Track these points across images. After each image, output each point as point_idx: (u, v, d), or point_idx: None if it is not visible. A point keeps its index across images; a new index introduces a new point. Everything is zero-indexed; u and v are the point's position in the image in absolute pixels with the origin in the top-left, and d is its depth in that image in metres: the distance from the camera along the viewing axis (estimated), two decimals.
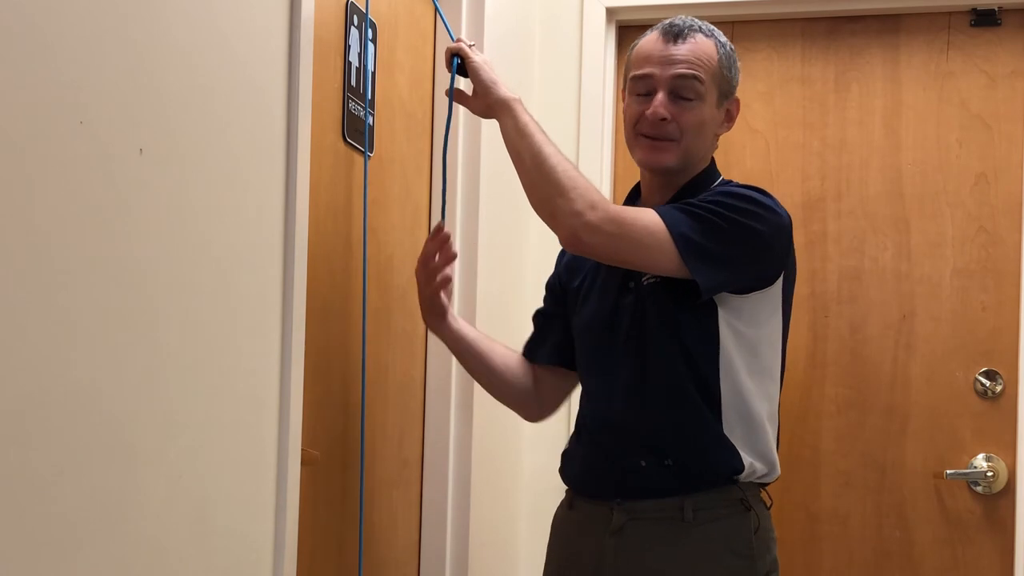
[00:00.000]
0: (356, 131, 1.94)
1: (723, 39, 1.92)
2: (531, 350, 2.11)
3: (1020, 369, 2.67)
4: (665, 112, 1.85)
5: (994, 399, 2.71)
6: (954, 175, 2.77)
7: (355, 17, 1.93)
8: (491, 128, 2.14)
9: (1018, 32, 2.76)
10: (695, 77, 1.86)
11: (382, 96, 2.07)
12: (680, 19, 1.91)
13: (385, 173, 2.09)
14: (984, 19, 2.76)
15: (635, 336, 1.86)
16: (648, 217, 1.77)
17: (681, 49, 1.87)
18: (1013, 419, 2.68)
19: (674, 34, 1.88)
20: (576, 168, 1.82)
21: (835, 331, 2.80)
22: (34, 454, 1.07)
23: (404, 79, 2.19)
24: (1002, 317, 2.72)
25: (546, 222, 1.80)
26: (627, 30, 2.94)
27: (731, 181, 1.95)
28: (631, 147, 1.93)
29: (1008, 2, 2.74)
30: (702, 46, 1.88)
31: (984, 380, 2.72)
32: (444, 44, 2.32)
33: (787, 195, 2.77)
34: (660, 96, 1.86)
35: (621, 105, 2.01)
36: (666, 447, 1.82)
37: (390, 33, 2.11)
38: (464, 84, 1.97)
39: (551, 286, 2.12)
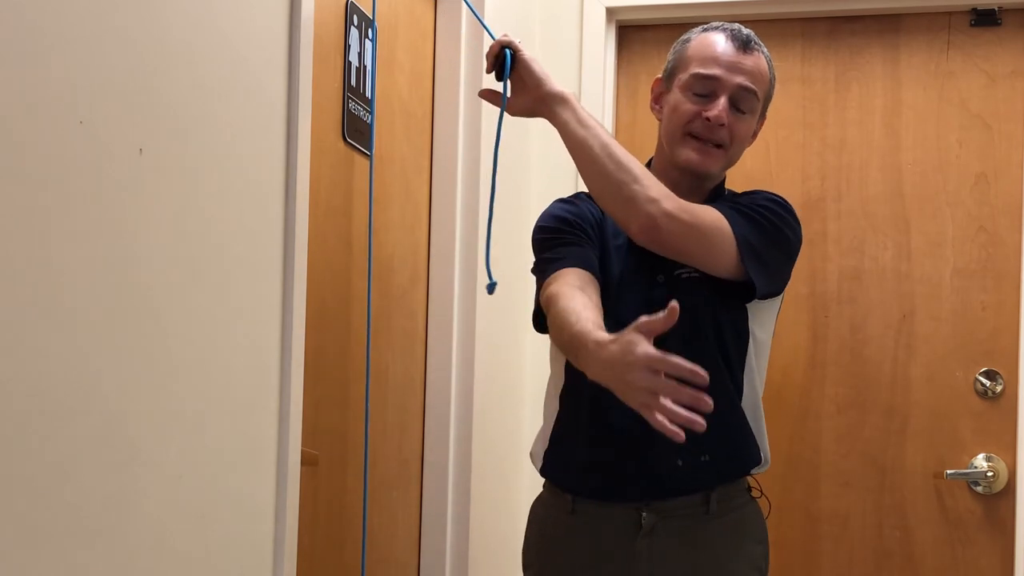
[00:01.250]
0: (356, 131, 1.94)
1: (772, 61, 1.95)
2: (586, 261, 1.85)
3: (1020, 369, 2.67)
4: (725, 118, 1.86)
5: (994, 399, 2.71)
6: (954, 175, 2.77)
7: (355, 17, 1.93)
8: (490, 128, 2.13)
9: (1018, 32, 2.76)
10: (755, 91, 1.88)
11: (382, 96, 2.07)
12: (745, 29, 1.92)
13: (385, 173, 2.09)
14: (984, 19, 2.76)
15: (673, 332, 1.82)
16: (714, 214, 1.79)
17: (748, 60, 1.88)
18: (1013, 419, 2.68)
19: (743, 42, 1.89)
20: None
21: (835, 331, 2.80)
22: (34, 454, 1.07)
23: (404, 79, 2.19)
24: (1002, 317, 2.72)
25: (616, 210, 1.76)
26: (627, 30, 2.94)
27: (736, 192, 1.98)
28: (674, 144, 1.90)
29: (1008, 2, 2.74)
30: (762, 62, 1.91)
31: (984, 380, 2.72)
32: (445, 44, 2.33)
33: (787, 195, 2.74)
34: (723, 101, 1.86)
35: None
36: (704, 442, 1.79)
37: (390, 33, 2.11)
38: (489, 84, 1.94)
39: (578, 220, 1.89)
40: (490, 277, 1.85)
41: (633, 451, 1.83)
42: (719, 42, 1.89)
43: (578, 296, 1.74)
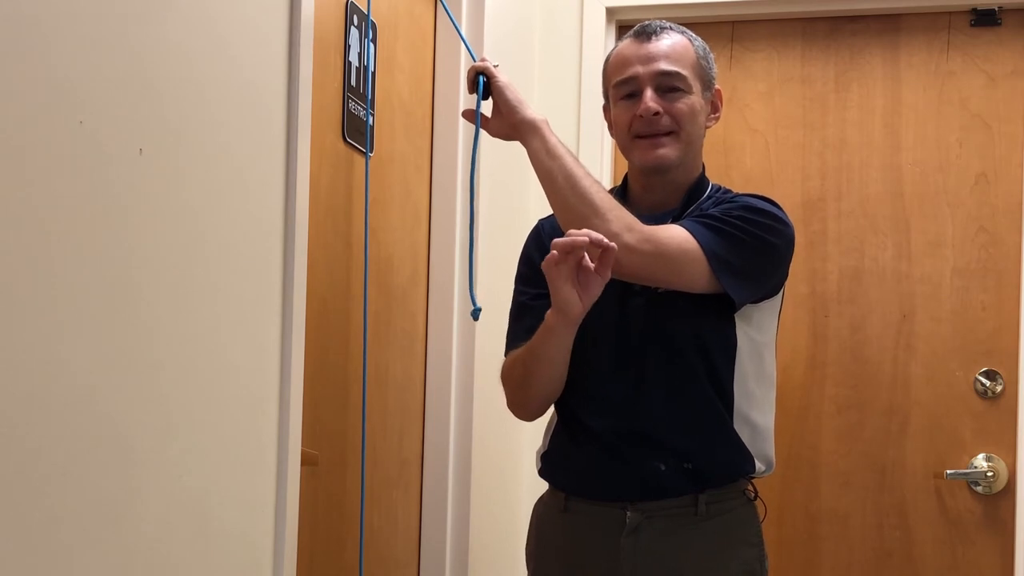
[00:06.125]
0: (356, 131, 1.94)
1: (692, 34, 1.95)
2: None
3: (1020, 369, 2.67)
4: (657, 106, 1.86)
5: (994, 399, 2.71)
6: (954, 175, 2.77)
7: (355, 17, 1.93)
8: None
9: (1018, 32, 2.76)
10: (678, 69, 1.88)
11: (382, 96, 2.07)
12: (649, 21, 1.94)
13: (385, 173, 2.09)
14: (984, 19, 2.76)
15: (654, 341, 1.86)
16: (680, 235, 1.79)
17: (659, 46, 1.89)
18: (1013, 419, 2.68)
19: (647, 33, 1.91)
20: (606, 190, 1.84)
21: (835, 331, 2.80)
22: (34, 455, 1.07)
23: (404, 79, 2.19)
24: (1002, 317, 2.72)
25: None
26: (627, 30, 2.92)
27: (729, 189, 1.97)
28: (628, 153, 1.93)
29: (1008, 2, 2.74)
30: (677, 40, 1.91)
31: (984, 380, 2.72)
32: (445, 44, 2.33)
33: (787, 195, 2.77)
34: (649, 92, 1.87)
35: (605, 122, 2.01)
36: (688, 452, 1.84)
37: (390, 33, 2.11)
38: (473, 103, 1.95)
39: (534, 276, 1.94)
40: (474, 303, 1.91)
41: (618, 453, 1.85)
42: (625, 45, 1.93)
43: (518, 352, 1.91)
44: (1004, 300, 2.72)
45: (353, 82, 1.92)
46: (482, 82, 1.90)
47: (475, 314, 1.91)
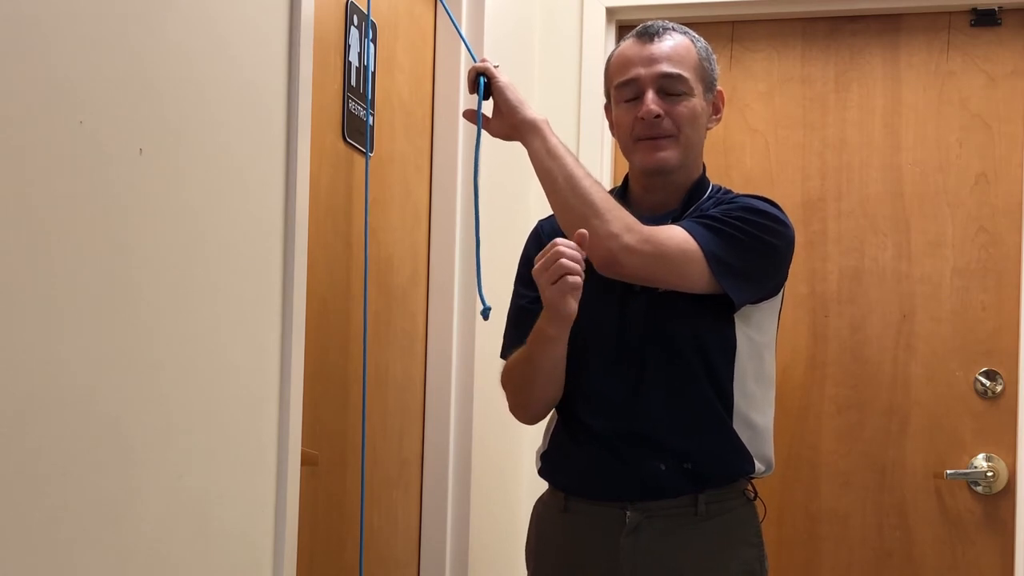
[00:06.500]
0: (356, 131, 1.94)
1: (695, 35, 1.95)
2: None
3: (1020, 369, 2.67)
4: (658, 109, 1.86)
5: (994, 399, 2.71)
6: (954, 175, 2.77)
7: (355, 17, 1.93)
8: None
9: (1018, 32, 2.76)
10: (680, 72, 1.88)
11: (382, 96, 2.07)
12: (652, 22, 1.94)
13: (385, 173, 2.09)
14: (984, 19, 2.76)
15: (653, 342, 1.86)
16: (680, 236, 1.79)
17: (661, 47, 1.89)
18: (1013, 419, 2.68)
19: (650, 34, 1.91)
20: (606, 191, 1.84)
21: (835, 331, 2.80)
22: (34, 455, 1.07)
23: (404, 79, 2.19)
24: (1002, 317, 2.72)
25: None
26: (627, 30, 2.92)
27: (729, 190, 1.97)
28: (629, 154, 1.93)
29: (1008, 2, 2.74)
30: (679, 42, 1.90)
31: (984, 380, 2.72)
32: (445, 45, 2.33)
33: (787, 195, 2.77)
34: (650, 95, 1.87)
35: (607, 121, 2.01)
36: (688, 452, 1.84)
37: (390, 33, 2.11)
38: (474, 103, 1.95)
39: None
40: (483, 303, 1.90)
41: (618, 453, 1.86)
42: (628, 46, 1.93)
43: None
44: (1004, 300, 2.72)
45: (353, 82, 1.92)
46: (483, 82, 1.91)
47: (485, 313, 1.90)
